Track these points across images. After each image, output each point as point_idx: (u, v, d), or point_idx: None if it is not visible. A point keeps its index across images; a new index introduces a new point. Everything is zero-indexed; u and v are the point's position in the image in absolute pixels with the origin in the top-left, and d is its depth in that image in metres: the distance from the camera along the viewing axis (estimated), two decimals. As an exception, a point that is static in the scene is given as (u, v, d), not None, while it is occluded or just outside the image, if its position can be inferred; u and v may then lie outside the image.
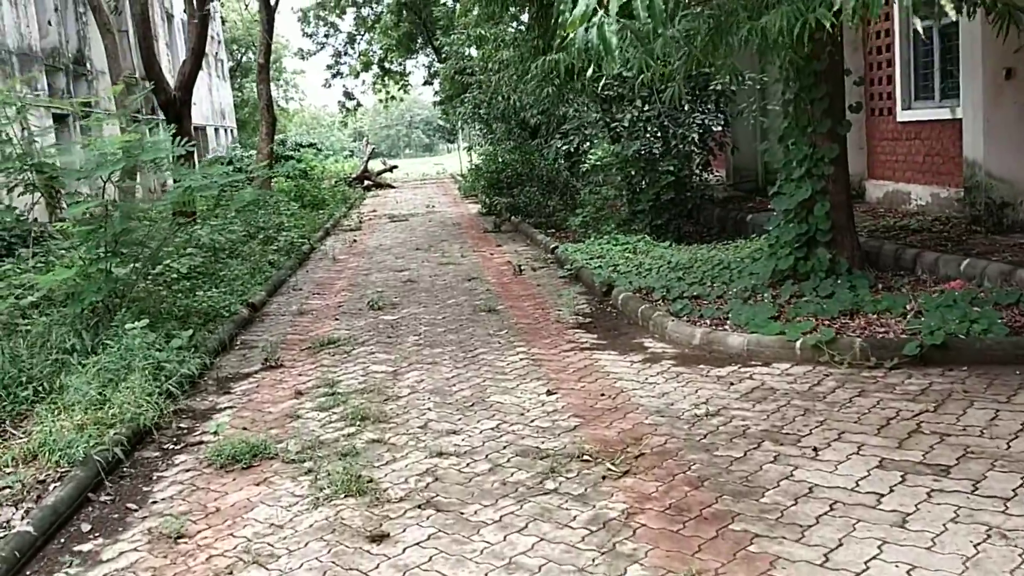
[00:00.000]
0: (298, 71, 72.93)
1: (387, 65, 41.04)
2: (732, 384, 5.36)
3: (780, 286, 7.98)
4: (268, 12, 20.69)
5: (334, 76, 41.96)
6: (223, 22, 40.31)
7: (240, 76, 47.99)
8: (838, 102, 8.01)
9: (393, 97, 43.64)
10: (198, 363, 6.60)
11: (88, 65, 20.31)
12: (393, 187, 32.44)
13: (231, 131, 35.48)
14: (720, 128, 12.52)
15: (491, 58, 20.84)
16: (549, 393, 5.52)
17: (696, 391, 5.30)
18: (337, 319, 8.58)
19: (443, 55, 31.13)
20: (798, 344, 5.75)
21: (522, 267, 10.58)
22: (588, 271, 9.58)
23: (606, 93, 13.26)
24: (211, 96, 32.92)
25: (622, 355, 6.35)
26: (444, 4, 35.16)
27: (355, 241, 15.37)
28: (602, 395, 5.38)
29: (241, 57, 48.21)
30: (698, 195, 12.77)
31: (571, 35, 4.22)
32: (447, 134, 37.88)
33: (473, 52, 26.01)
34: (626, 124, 12.71)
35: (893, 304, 6.76)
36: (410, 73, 44.19)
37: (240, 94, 44.74)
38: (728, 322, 6.76)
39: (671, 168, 12.33)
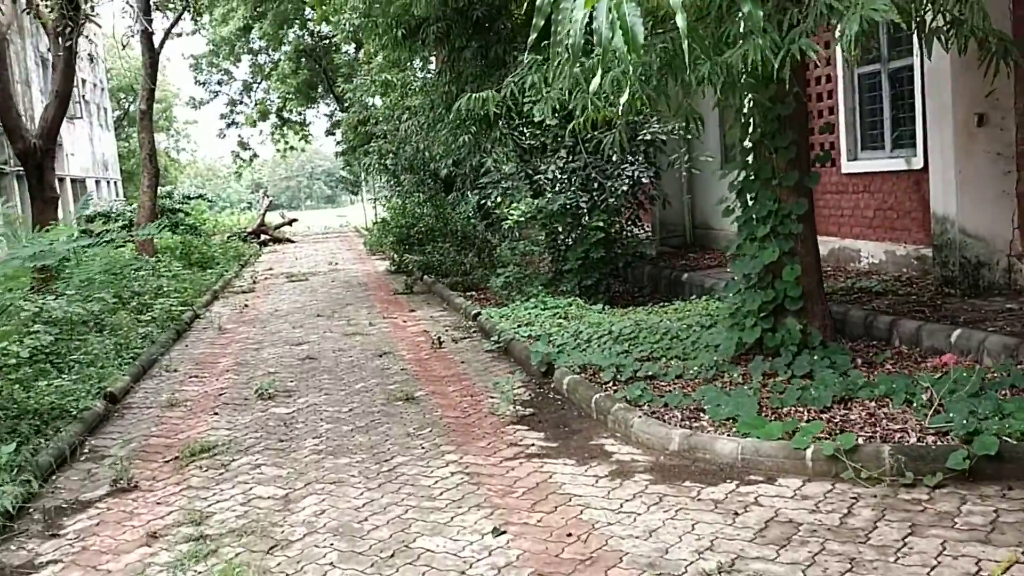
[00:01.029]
0: (190, 121, 70.07)
1: (285, 115, 39.35)
2: (737, 515, 4.07)
3: (747, 362, 6.86)
4: (151, 54, 18.91)
5: (228, 126, 39.97)
6: (108, 70, 37.92)
7: (127, 126, 45.34)
8: (804, 151, 7.01)
9: (292, 148, 41.90)
10: (18, 492, 4.92)
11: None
12: (293, 241, 30.57)
13: (115, 183, 33.01)
14: (650, 180, 11.53)
15: (397, 106, 19.62)
16: (496, 532, 4.11)
17: (692, 527, 3.99)
18: (216, 413, 6.95)
19: (345, 103, 29.77)
20: (809, 454, 4.52)
21: (442, 339, 9.17)
22: (520, 344, 8.25)
23: (528, 143, 12.15)
24: (92, 146, 30.53)
25: (581, 465, 5.00)
26: (346, 52, 33.96)
27: (246, 306, 13.64)
28: (568, 535, 4.01)
29: (129, 106, 45.62)
30: (629, 252, 11.69)
31: (565, 30, 2.92)
32: (350, 185, 36.30)
33: (377, 101, 24.82)
34: (549, 176, 11.58)
35: (892, 389, 5.67)
36: (310, 123, 42.60)
37: (127, 144, 42.09)
38: (705, 416, 5.52)
39: (600, 224, 11.24)
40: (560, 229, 11.44)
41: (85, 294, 11.46)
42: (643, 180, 11.43)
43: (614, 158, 11.47)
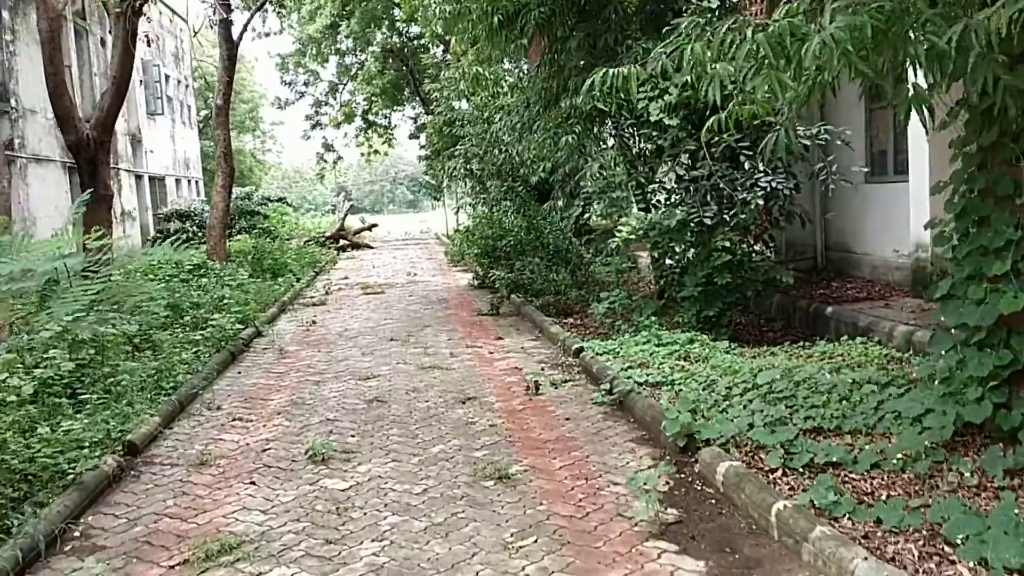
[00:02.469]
0: (277, 122, 70.33)
1: (371, 117, 38.41)
2: None
3: (969, 448, 4.95)
4: (229, 47, 17.80)
5: (313, 127, 39.24)
6: (194, 69, 37.62)
7: (214, 126, 45.21)
8: (1064, 159, 5.05)
9: (376, 151, 40.94)
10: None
11: (13, 101, 17.26)
12: (371, 247, 29.38)
13: (196, 183, 32.43)
14: (790, 193, 9.58)
15: (487, 106, 18.05)
16: None
17: None
18: (253, 482, 5.35)
19: (431, 105, 28.46)
20: None
21: (539, 383, 7.42)
22: (641, 399, 6.44)
23: (641, 146, 10.35)
24: (174, 144, 29.95)
25: (778, 638, 3.18)
26: (433, 55, 32.73)
27: (314, 323, 12.17)
28: None
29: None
30: (760, 279, 9.73)
31: None
32: (433, 191, 35.05)
33: (464, 105, 23.37)
34: (668, 186, 9.76)
35: None
36: (395, 126, 41.52)
37: (211, 143, 41.79)
38: (954, 554, 3.64)
39: (727, 244, 9.35)
40: (677, 249, 9.58)
41: (135, 309, 10.17)
42: (783, 193, 9.50)
43: (746, 166, 9.59)
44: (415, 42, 33.53)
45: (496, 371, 8.31)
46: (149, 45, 11.47)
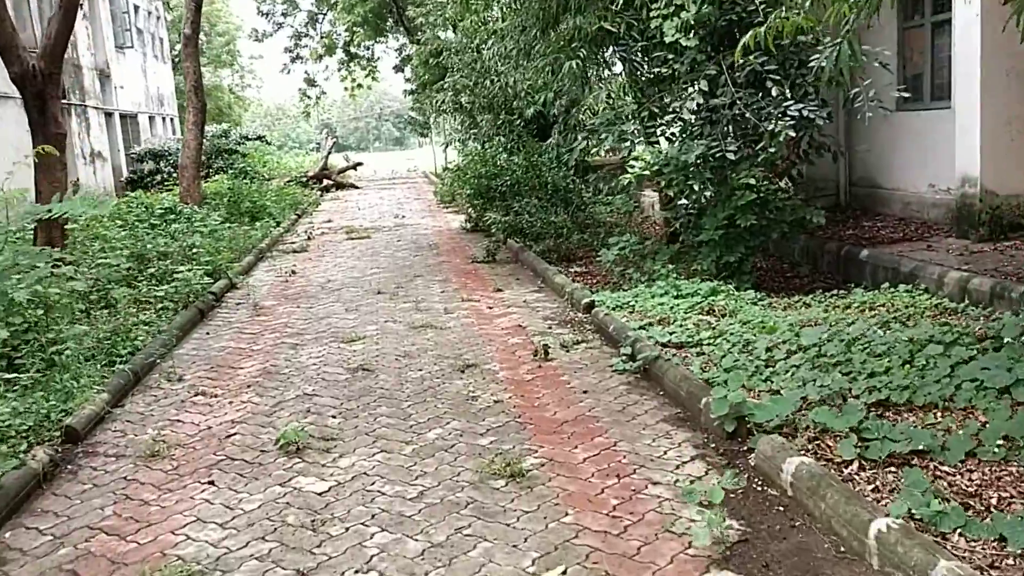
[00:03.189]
0: (256, 56, 68.04)
1: (353, 49, 36.69)
2: None
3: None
4: (196, -32, 16.34)
5: (293, 60, 37.49)
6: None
7: (183, 57, 43.29)
8: None
9: (360, 86, 39.24)
10: None
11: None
12: (357, 187, 28.16)
13: (171, 120, 30.94)
14: (823, 122, 8.52)
15: (478, 31, 16.75)
16: None
17: None
18: (212, 482, 4.41)
19: (416, 35, 26.93)
20: None
21: (547, 346, 6.46)
22: (673, 371, 5.50)
23: (654, 71, 9.23)
24: (146, 79, 28.40)
25: None
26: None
27: (294, 272, 11.14)
28: None
29: (191, 39, 43.49)
30: (786, 220, 8.74)
31: None
32: (420, 127, 33.64)
33: (450, 36, 21.98)
34: (684, 117, 8.68)
35: None
36: (379, 59, 39.82)
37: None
38: None
39: (751, 181, 8.34)
40: (695, 187, 8.54)
41: (96, 261, 9.14)
42: (817, 122, 8.44)
43: (773, 92, 8.51)
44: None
45: (497, 330, 7.34)
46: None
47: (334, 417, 5.28)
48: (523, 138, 14.96)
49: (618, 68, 10.39)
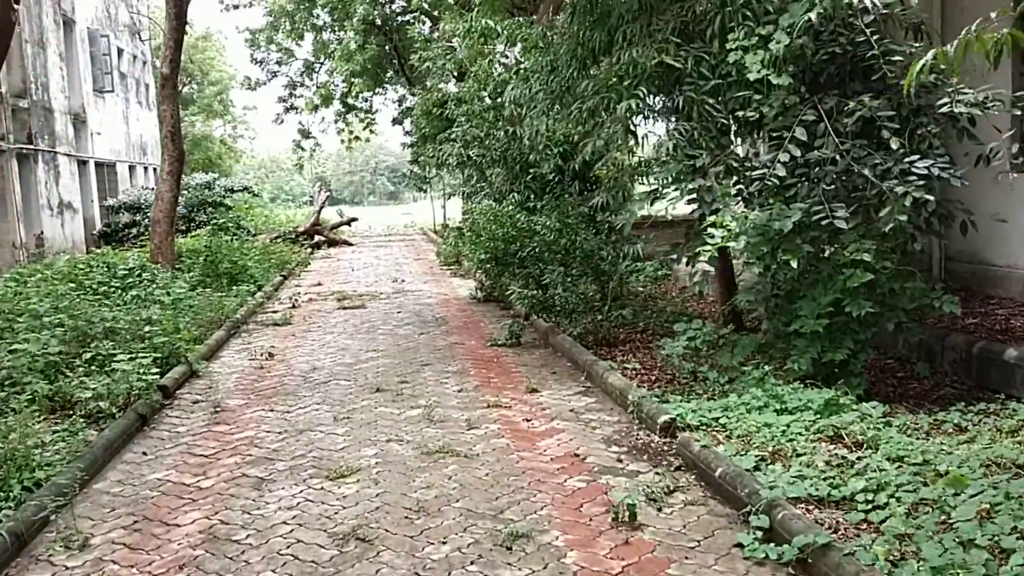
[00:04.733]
0: (249, 106, 66.68)
1: (350, 100, 35.10)
2: None
3: None
4: (177, 1, 14.55)
5: (287, 111, 35.83)
6: (157, 47, 34.14)
7: (180, 108, 41.74)
8: None
9: (357, 138, 37.59)
10: None
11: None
12: (351, 244, 26.21)
13: (153, 169, 29.03)
14: (960, 184, 6.57)
15: (489, 77, 14.98)
16: None
17: None
18: None
19: (416, 86, 25.29)
20: None
21: (633, 505, 4.36)
22: (848, 563, 3.41)
23: (739, 115, 7.31)
24: (127, 126, 26.58)
25: None
26: (419, 30, 29.57)
27: (271, 355, 9.03)
28: None
29: (182, 88, 42.01)
30: (905, 306, 6.77)
31: None
32: (420, 181, 31.88)
33: (452, 88, 20.32)
34: (781, 174, 6.76)
35: None
36: (377, 111, 38.29)
37: (177, 128, 38.34)
38: None
39: (865, 257, 6.38)
40: (793, 263, 6.55)
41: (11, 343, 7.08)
42: (950, 181, 6.51)
43: (892, 144, 6.59)
44: (400, 18, 30.35)
45: (545, 461, 5.24)
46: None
47: (308, 655, 3.16)
48: (550, 195, 13.03)
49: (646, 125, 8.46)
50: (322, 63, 34.43)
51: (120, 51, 26.32)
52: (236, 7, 32.09)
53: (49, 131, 19.61)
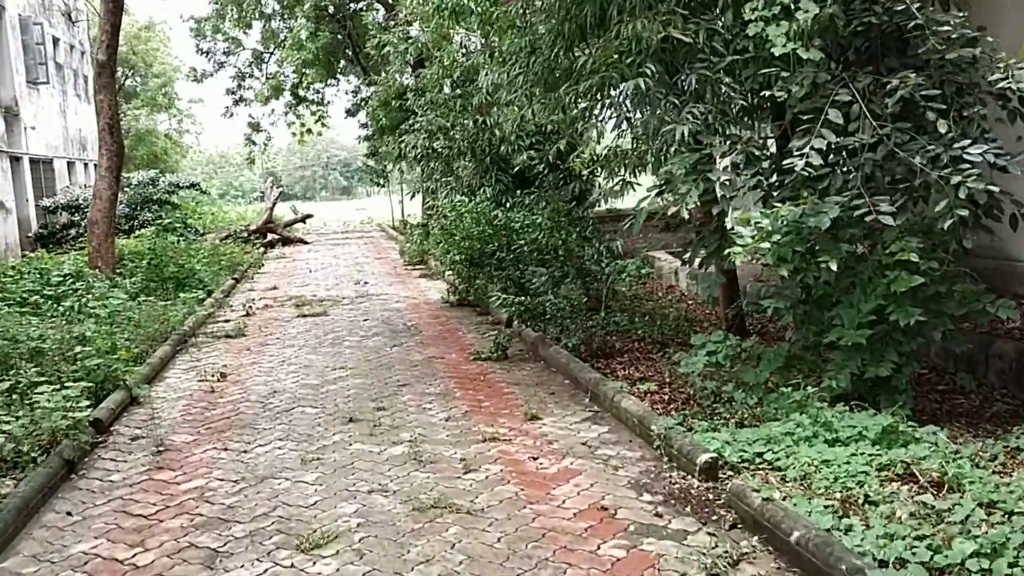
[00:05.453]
0: (195, 100, 64.40)
1: (301, 92, 33.64)
2: None
3: None
4: (111, -19, 13.24)
5: (236, 103, 34.21)
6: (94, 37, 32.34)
7: (124, 102, 39.85)
8: None
9: (309, 131, 36.08)
10: None
11: None
12: (306, 243, 24.94)
13: (94, 166, 27.30)
14: (1020, 172, 5.77)
15: (455, 63, 13.95)
16: None
17: None
18: None
19: (372, 75, 24.09)
20: None
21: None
22: None
23: (765, 93, 6.41)
24: (65, 120, 24.95)
25: None
26: (374, 19, 28.35)
27: (223, 376, 7.89)
28: None
29: (125, 80, 40.11)
30: (953, 311, 5.98)
31: None
32: (376, 176, 30.62)
33: (408, 81, 19.27)
34: (815, 162, 5.91)
35: None
36: (329, 103, 36.88)
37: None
38: None
39: (913, 256, 5.56)
40: (833, 265, 5.69)
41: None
42: (1007, 168, 5.74)
43: (940, 127, 5.76)
44: (352, 5, 29.02)
45: (568, 518, 4.28)
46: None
47: None
48: (528, 189, 12.07)
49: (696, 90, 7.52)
50: (272, 53, 32.93)
51: (56, 40, 24.66)
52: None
53: (-27, 125, 18.08)
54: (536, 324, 8.53)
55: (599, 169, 13.10)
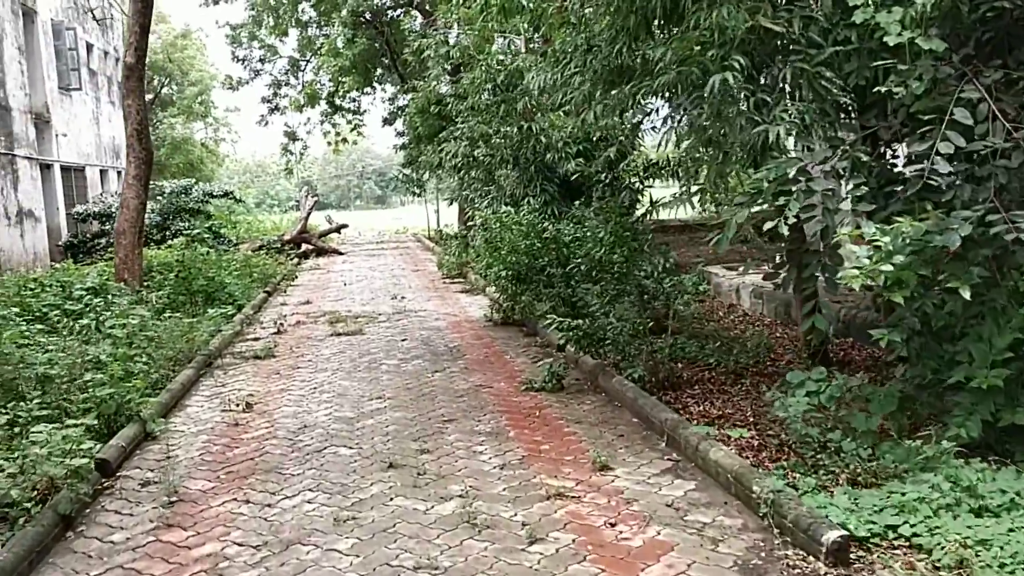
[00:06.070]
0: (232, 108, 64.50)
1: (337, 101, 33.13)
2: None
3: None
4: (141, -20, 12.63)
5: (271, 111, 33.80)
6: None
7: (159, 109, 39.74)
8: None
9: (344, 140, 35.58)
10: None
11: None
12: (341, 253, 24.31)
13: (128, 174, 27.01)
14: None
15: (498, 68, 13.19)
16: None
17: None
18: None
19: (410, 82, 23.37)
20: None
21: None
22: None
23: (879, 89, 5.50)
24: (98, 127, 24.58)
25: None
26: (411, 17, 27.75)
27: (248, 407, 7.12)
28: None
29: (161, 88, 40.02)
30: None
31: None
32: (413, 185, 29.94)
33: (445, 89, 18.57)
34: (943, 171, 5.01)
35: None
36: (365, 111, 36.32)
37: (154, 131, 36.29)
38: None
39: (1061, 281, 4.57)
40: (965, 292, 4.76)
41: None
42: None
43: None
44: (390, 12, 28.43)
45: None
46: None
47: None
48: (578, 199, 11.24)
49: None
50: (308, 60, 32.48)
51: (89, 46, 24.33)
52: (216, 2, 30.09)
53: (6, 131, 17.66)
54: (595, 350, 7.65)
55: (651, 178, 12.17)
